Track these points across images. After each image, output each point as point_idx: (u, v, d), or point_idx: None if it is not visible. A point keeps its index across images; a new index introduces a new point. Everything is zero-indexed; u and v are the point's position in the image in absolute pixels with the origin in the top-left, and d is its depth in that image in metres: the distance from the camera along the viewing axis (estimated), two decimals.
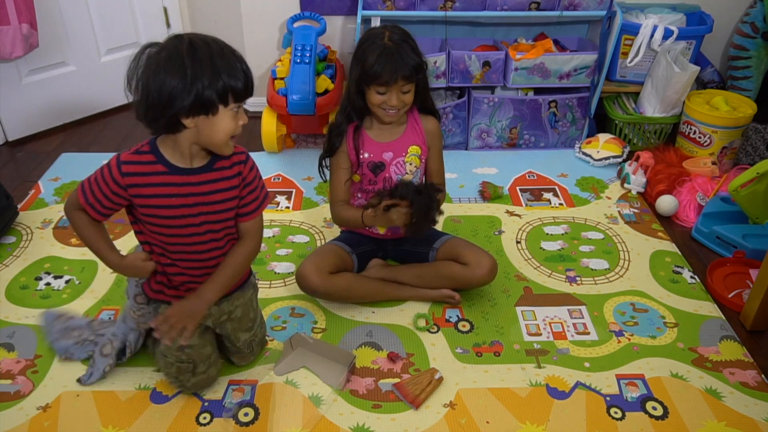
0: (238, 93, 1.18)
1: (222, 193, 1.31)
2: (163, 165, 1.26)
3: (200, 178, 1.28)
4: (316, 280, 1.65)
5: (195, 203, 1.29)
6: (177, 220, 1.29)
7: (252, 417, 1.44)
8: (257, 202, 1.38)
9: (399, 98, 1.60)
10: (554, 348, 1.64)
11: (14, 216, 2.08)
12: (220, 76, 1.15)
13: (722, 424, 1.44)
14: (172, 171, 1.26)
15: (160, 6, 2.88)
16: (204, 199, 1.29)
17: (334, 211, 1.75)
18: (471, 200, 2.27)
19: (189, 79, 1.13)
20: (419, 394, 1.48)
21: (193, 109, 1.16)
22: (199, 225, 1.31)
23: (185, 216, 1.29)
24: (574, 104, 2.54)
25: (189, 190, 1.28)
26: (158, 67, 1.14)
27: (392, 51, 1.56)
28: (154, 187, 1.26)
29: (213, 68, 1.14)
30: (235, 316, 1.48)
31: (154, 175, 1.26)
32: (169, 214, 1.28)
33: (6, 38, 2.32)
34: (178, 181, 1.27)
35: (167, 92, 1.14)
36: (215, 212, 1.32)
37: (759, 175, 1.88)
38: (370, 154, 1.70)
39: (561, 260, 1.97)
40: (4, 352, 1.61)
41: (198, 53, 1.14)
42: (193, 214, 1.30)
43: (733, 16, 2.74)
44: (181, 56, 1.13)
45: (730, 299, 1.80)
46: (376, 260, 1.84)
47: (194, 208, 1.29)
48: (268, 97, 2.43)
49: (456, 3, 2.39)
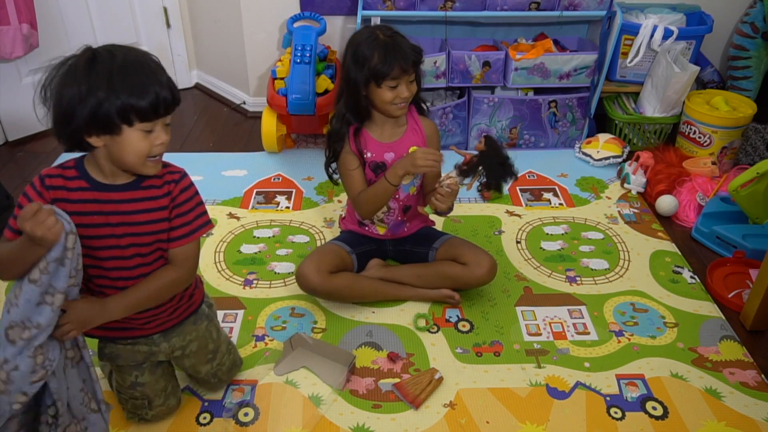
0: (142, 112, 1.06)
1: (149, 213, 1.19)
2: (86, 181, 1.15)
3: (124, 195, 1.17)
4: (316, 280, 1.65)
5: (119, 222, 1.17)
6: (101, 241, 1.17)
7: (252, 417, 1.44)
8: (187, 228, 1.23)
9: (409, 89, 1.61)
10: (554, 348, 1.64)
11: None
12: (118, 94, 1.04)
13: (722, 424, 1.44)
14: (93, 187, 1.15)
15: (160, 6, 2.88)
16: (129, 219, 1.17)
17: (357, 202, 1.70)
18: (471, 200, 2.27)
19: (83, 94, 1.04)
20: (419, 394, 1.48)
21: (92, 127, 1.06)
22: (126, 247, 1.19)
23: (109, 236, 1.17)
24: (574, 104, 2.54)
25: (112, 208, 1.17)
26: (59, 79, 1.07)
27: (392, 45, 1.57)
28: (76, 204, 1.15)
29: (110, 84, 1.04)
30: (191, 351, 1.38)
31: (76, 190, 1.15)
32: (92, 234, 1.16)
33: (6, 38, 2.32)
34: (100, 198, 1.16)
35: (63, 106, 1.06)
36: (142, 234, 1.19)
37: (759, 175, 1.88)
38: (372, 153, 1.70)
39: (561, 260, 1.97)
40: None
41: (96, 67, 1.05)
42: (118, 234, 1.18)
43: (733, 16, 2.74)
44: (79, 69, 1.05)
45: (730, 299, 1.80)
46: (376, 260, 1.84)
47: (118, 228, 1.17)
48: (268, 97, 2.43)
49: (456, 3, 2.39)
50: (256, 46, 2.76)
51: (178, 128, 2.73)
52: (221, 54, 2.96)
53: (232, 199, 2.25)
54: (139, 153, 1.11)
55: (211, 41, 2.97)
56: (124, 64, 1.06)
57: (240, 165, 2.47)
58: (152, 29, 2.90)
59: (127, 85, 1.05)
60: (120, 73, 1.05)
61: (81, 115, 1.05)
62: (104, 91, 1.04)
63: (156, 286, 1.23)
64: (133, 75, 1.06)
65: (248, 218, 2.15)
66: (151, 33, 2.91)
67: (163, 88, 1.08)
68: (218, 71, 3.06)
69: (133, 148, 1.09)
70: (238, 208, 2.21)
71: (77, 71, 1.06)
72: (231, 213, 2.18)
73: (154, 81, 1.08)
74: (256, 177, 2.39)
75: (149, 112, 1.07)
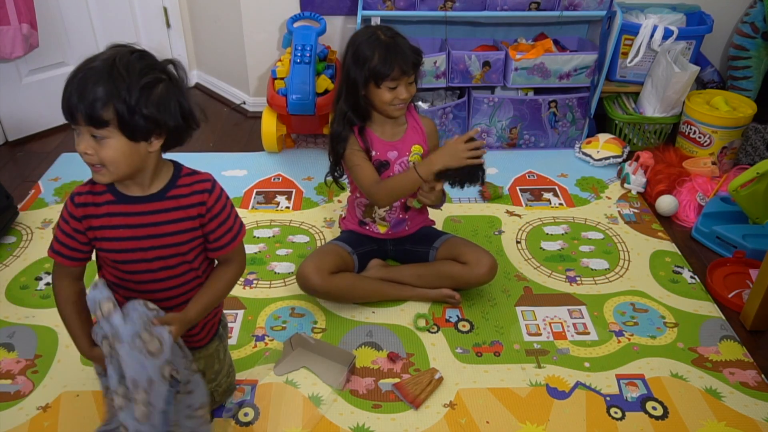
0: (66, 114, 1.06)
1: (176, 224, 1.17)
2: (111, 194, 1.15)
3: (150, 207, 1.16)
4: (316, 280, 1.65)
5: (145, 235, 1.16)
6: (128, 254, 1.17)
7: (252, 417, 1.44)
8: (232, 234, 1.24)
9: (408, 90, 1.62)
10: (554, 348, 1.64)
11: (14, 216, 2.08)
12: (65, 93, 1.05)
13: (722, 424, 1.44)
14: (119, 200, 1.15)
15: (160, 6, 2.88)
16: (155, 231, 1.16)
17: (375, 190, 1.66)
18: (471, 200, 2.27)
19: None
20: (419, 394, 1.48)
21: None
22: (151, 260, 1.18)
23: (135, 250, 1.16)
24: (574, 104, 2.54)
25: (138, 220, 1.16)
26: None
27: (393, 46, 1.57)
28: (103, 218, 1.15)
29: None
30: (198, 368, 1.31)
31: (104, 205, 1.15)
32: (119, 247, 1.16)
33: (6, 38, 2.32)
34: (126, 211, 1.15)
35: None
36: (168, 246, 1.18)
37: (759, 175, 1.88)
38: (376, 152, 1.70)
39: (561, 260, 1.97)
40: (4, 352, 1.61)
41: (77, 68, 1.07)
42: (144, 247, 1.17)
43: (733, 16, 2.74)
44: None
45: (730, 299, 1.80)
46: (376, 260, 1.84)
47: (144, 241, 1.16)
48: (268, 97, 2.43)
49: (456, 3, 2.39)
50: (256, 46, 2.76)
51: None
52: (221, 54, 2.95)
53: (232, 199, 2.23)
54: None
55: (211, 41, 2.97)
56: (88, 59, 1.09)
57: (240, 165, 2.47)
58: (152, 29, 2.90)
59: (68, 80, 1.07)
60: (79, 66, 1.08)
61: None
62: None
63: (223, 285, 1.25)
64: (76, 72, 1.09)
65: (248, 218, 2.15)
66: (151, 33, 2.91)
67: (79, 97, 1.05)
68: (218, 71, 3.06)
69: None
70: (238, 208, 2.21)
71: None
72: None
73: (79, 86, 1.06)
74: (256, 177, 2.39)
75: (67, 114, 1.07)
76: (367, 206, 1.79)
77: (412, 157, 1.72)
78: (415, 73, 1.62)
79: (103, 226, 1.15)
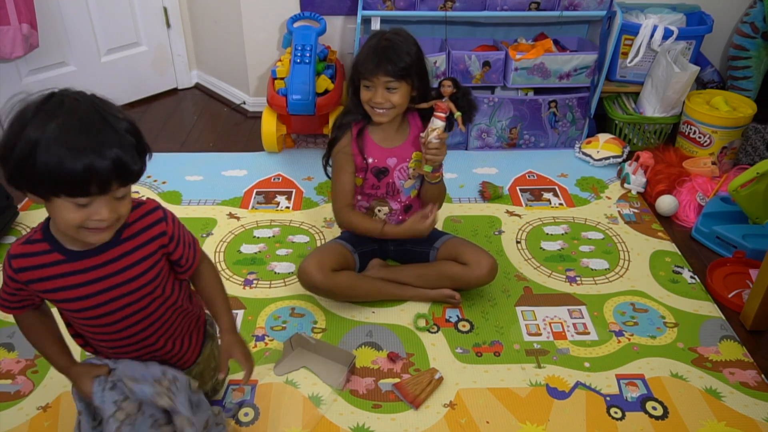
0: (66, 187, 0.88)
1: (139, 266, 1.08)
2: (59, 253, 1.02)
3: (108, 256, 1.04)
4: (318, 277, 1.65)
5: (110, 286, 1.06)
6: (95, 310, 1.07)
7: (252, 417, 1.44)
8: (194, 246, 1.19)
9: (383, 95, 1.59)
10: (554, 348, 1.64)
11: (14, 216, 2.08)
12: (45, 157, 0.87)
13: (722, 424, 1.44)
14: (70, 258, 1.02)
15: (160, 6, 2.88)
16: (118, 280, 1.06)
17: (340, 214, 1.73)
18: (471, 200, 2.27)
19: (15, 143, 0.90)
20: (419, 394, 1.48)
21: (21, 185, 0.92)
22: (122, 308, 1.09)
23: (102, 304, 1.07)
24: (574, 104, 2.54)
25: (97, 274, 1.04)
26: (13, 117, 0.94)
27: (383, 47, 1.57)
28: (55, 280, 1.03)
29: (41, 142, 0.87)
30: (195, 374, 1.33)
31: (52, 266, 1.02)
32: (82, 306, 1.06)
33: (6, 38, 2.32)
34: (80, 268, 1.03)
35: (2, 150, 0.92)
36: (135, 290, 1.09)
37: (759, 175, 1.88)
38: (374, 159, 1.70)
39: (561, 260, 1.97)
40: (4, 352, 1.61)
41: (40, 116, 0.90)
42: (112, 298, 1.07)
43: (733, 16, 2.74)
44: (32, 113, 0.92)
45: (730, 299, 1.80)
46: (377, 260, 1.84)
47: (110, 292, 1.07)
48: (268, 97, 2.43)
49: (456, 3, 2.39)
50: (256, 46, 2.76)
51: (178, 128, 2.73)
52: (221, 54, 2.95)
53: (232, 199, 2.25)
54: (68, 223, 0.93)
55: (211, 41, 2.97)
56: (64, 121, 0.89)
57: (240, 165, 2.47)
58: (152, 29, 2.90)
59: (54, 147, 0.87)
60: (56, 130, 0.88)
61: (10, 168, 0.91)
62: (32, 147, 0.87)
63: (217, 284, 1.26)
64: (68, 136, 0.88)
65: (248, 218, 2.15)
66: (151, 33, 2.91)
67: (98, 160, 0.88)
68: (218, 71, 3.06)
69: (63, 216, 0.93)
70: (238, 208, 2.21)
71: (22, 115, 0.93)
72: (231, 213, 2.18)
73: (91, 149, 0.88)
74: (256, 177, 2.39)
75: (73, 188, 0.89)
76: (367, 209, 1.79)
77: (412, 164, 1.72)
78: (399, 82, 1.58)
79: (57, 288, 1.04)
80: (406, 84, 1.60)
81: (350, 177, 1.71)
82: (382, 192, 1.75)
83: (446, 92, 1.61)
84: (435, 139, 1.62)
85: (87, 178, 0.88)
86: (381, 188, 1.74)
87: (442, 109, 1.62)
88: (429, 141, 1.62)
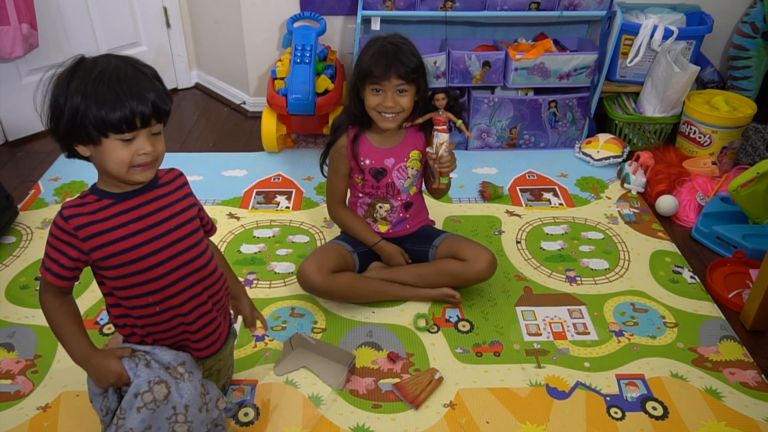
0: (114, 125, 1.04)
1: (177, 205, 1.20)
2: (108, 198, 1.13)
3: (149, 195, 1.17)
4: (317, 279, 1.65)
5: (153, 224, 1.16)
6: (140, 251, 1.14)
7: (252, 417, 1.44)
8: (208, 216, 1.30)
9: (394, 99, 1.59)
10: (554, 348, 1.64)
11: (14, 216, 2.08)
12: (90, 105, 1.02)
13: (722, 424, 1.44)
14: (118, 200, 1.14)
15: (160, 6, 2.88)
16: (160, 216, 1.17)
17: (334, 212, 1.79)
18: (471, 200, 2.27)
19: (62, 103, 1.04)
20: (419, 394, 1.48)
21: (74, 136, 1.06)
22: (166, 247, 1.17)
23: (149, 241, 1.15)
24: (574, 104, 2.54)
25: (143, 211, 1.15)
26: (51, 86, 1.06)
27: (389, 50, 1.57)
28: (107, 222, 1.12)
29: (84, 94, 1.03)
30: (215, 370, 1.37)
31: (103, 210, 1.13)
32: (132, 245, 1.13)
33: (6, 38, 2.32)
34: (129, 207, 1.14)
35: (50, 113, 1.07)
36: (176, 227, 1.18)
37: (759, 175, 1.88)
38: (371, 161, 1.70)
39: (561, 260, 1.97)
40: (4, 352, 1.61)
41: (77, 75, 1.05)
42: (157, 235, 1.16)
43: (733, 16, 2.74)
44: (62, 77, 1.06)
45: (730, 299, 1.80)
46: (376, 263, 1.84)
47: (154, 230, 1.16)
48: (268, 97, 2.43)
49: (456, 3, 2.39)
50: (256, 46, 2.76)
51: (178, 128, 2.73)
52: (221, 54, 2.96)
53: (232, 199, 2.25)
54: (120, 162, 1.08)
55: (211, 41, 2.97)
56: (102, 74, 1.04)
57: (240, 165, 2.47)
58: (152, 29, 2.90)
59: (100, 96, 1.02)
60: (95, 83, 1.03)
61: (63, 124, 1.05)
62: (79, 100, 1.03)
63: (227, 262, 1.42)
64: (109, 85, 1.03)
65: (248, 218, 2.15)
66: (151, 33, 2.91)
67: (141, 102, 1.04)
68: (218, 71, 3.06)
69: (113, 156, 1.07)
70: (238, 208, 2.21)
71: (60, 78, 1.06)
72: (231, 213, 2.18)
73: (132, 93, 1.04)
74: (256, 177, 2.39)
75: (121, 125, 1.04)
76: (369, 206, 1.79)
77: (411, 163, 1.72)
78: (409, 84, 1.58)
79: (110, 230, 1.12)
80: (415, 86, 1.61)
81: (343, 178, 1.74)
82: (382, 192, 1.75)
83: (441, 105, 1.61)
84: (445, 152, 1.62)
85: (132, 116, 1.04)
86: (381, 188, 1.74)
87: (442, 122, 1.62)
88: (441, 156, 1.62)
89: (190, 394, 1.17)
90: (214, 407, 1.24)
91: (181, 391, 1.17)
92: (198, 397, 1.18)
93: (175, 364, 1.19)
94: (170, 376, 1.17)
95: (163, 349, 1.20)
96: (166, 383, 1.15)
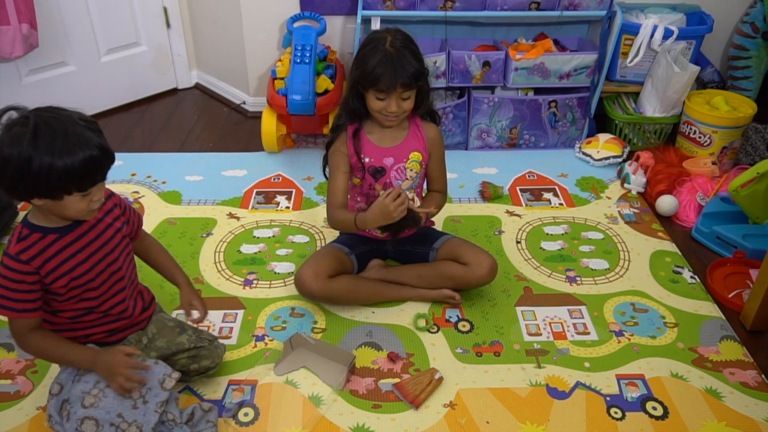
0: (80, 186, 1.15)
1: (112, 227, 1.33)
2: (52, 233, 1.24)
3: (87, 225, 1.28)
4: (314, 285, 1.65)
5: (97, 248, 1.29)
6: (89, 275, 1.28)
7: (252, 417, 1.44)
8: (137, 214, 1.44)
9: (398, 105, 1.59)
10: (554, 348, 1.64)
11: (14, 216, 2.08)
12: (56, 164, 1.10)
13: (722, 424, 1.44)
14: (62, 233, 1.25)
15: (160, 6, 2.88)
16: (102, 239, 1.31)
17: (331, 213, 1.73)
18: (471, 200, 2.27)
19: (25, 161, 1.09)
20: (419, 394, 1.48)
21: (35, 192, 1.14)
22: (109, 265, 1.32)
23: (95, 264, 1.29)
24: (574, 104, 2.54)
25: (86, 239, 1.28)
26: (3, 142, 1.10)
27: (393, 57, 1.54)
28: (58, 256, 1.24)
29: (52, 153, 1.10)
30: (154, 333, 1.44)
31: (51, 245, 1.23)
32: (82, 271, 1.27)
33: (6, 38, 2.32)
34: (73, 237, 1.26)
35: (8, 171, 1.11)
36: (114, 247, 1.33)
37: (759, 175, 1.88)
38: (371, 158, 1.70)
39: (561, 260, 1.97)
40: (4, 352, 1.61)
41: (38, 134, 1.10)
42: (101, 258, 1.30)
43: (733, 16, 2.74)
44: (24, 136, 1.10)
45: (730, 299, 1.80)
46: (376, 260, 1.84)
47: (98, 254, 1.30)
48: (268, 97, 2.43)
49: (456, 3, 2.39)
50: (256, 46, 2.76)
51: (178, 128, 2.73)
52: (221, 54, 2.95)
53: (232, 199, 2.25)
54: (80, 211, 1.20)
55: (211, 41, 2.97)
56: (59, 133, 1.10)
57: (240, 165, 2.47)
58: (152, 29, 2.90)
59: (68, 160, 1.10)
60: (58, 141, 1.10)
61: (26, 180, 1.11)
62: (49, 160, 1.09)
63: (169, 254, 1.53)
64: (74, 150, 1.11)
65: (248, 218, 2.15)
66: (151, 33, 2.91)
67: (91, 149, 1.12)
68: (218, 71, 3.06)
69: (74, 207, 1.18)
70: (238, 208, 2.21)
71: (22, 138, 1.09)
72: (231, 213, 2.18)
73: (93, 157, 1.13)
74: (256, 177, 2.39)
75: (86, 185, 1.15)
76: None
77: (410, 164, 1.72)
78: (413, 88, 1.58)
79: (62, 262, 1.24)
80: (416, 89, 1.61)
81: (344, 176, 1.70)
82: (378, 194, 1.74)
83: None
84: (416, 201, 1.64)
85: (89, 170, 1.13)
86: (378, 190, 1.73)
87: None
88: (416, 206, 1.62)
89: (111, 405, 1.25)
90: (160, 390, 1.29)
91: (106, 408, 1.24)
92: (121, 401, 1.25)
93: (92, 392, 1.26)
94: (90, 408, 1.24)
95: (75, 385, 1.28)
96: (95, 421, 1.23)
